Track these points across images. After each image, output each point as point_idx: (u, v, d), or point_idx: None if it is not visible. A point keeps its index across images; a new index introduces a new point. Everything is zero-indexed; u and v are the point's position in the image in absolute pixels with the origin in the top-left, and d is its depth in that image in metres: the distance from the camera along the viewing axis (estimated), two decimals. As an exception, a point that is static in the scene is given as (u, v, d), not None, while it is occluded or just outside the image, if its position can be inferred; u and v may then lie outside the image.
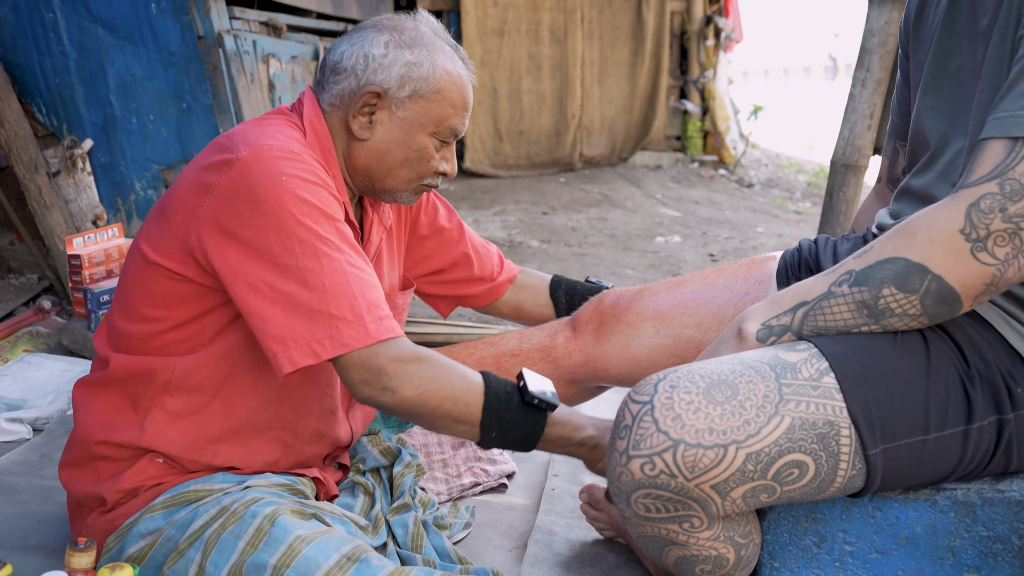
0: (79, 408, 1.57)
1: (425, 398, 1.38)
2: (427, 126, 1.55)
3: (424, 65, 1.52)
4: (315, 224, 1.38)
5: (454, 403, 1.40)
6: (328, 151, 1.55)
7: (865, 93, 3.40)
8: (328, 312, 1.35)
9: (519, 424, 1.44)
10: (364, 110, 1.54)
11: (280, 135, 1.46)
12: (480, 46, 7.10)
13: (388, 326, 1.38)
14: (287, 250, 1.37)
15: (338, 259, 1.38)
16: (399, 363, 1.37)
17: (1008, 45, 1.37)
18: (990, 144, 1.29)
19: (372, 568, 1.38)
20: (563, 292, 1.98)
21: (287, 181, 1.39)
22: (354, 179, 1.60)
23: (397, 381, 1.36)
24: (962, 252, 1.28)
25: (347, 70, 1.53)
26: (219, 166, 1.42)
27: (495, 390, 1.43)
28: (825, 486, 1.37)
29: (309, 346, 1.35)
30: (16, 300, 3.22)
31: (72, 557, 1.28)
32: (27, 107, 3.37)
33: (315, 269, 1.36)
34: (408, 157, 1.56)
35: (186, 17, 3.35)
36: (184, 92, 3.40)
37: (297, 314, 1.36)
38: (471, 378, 1.43)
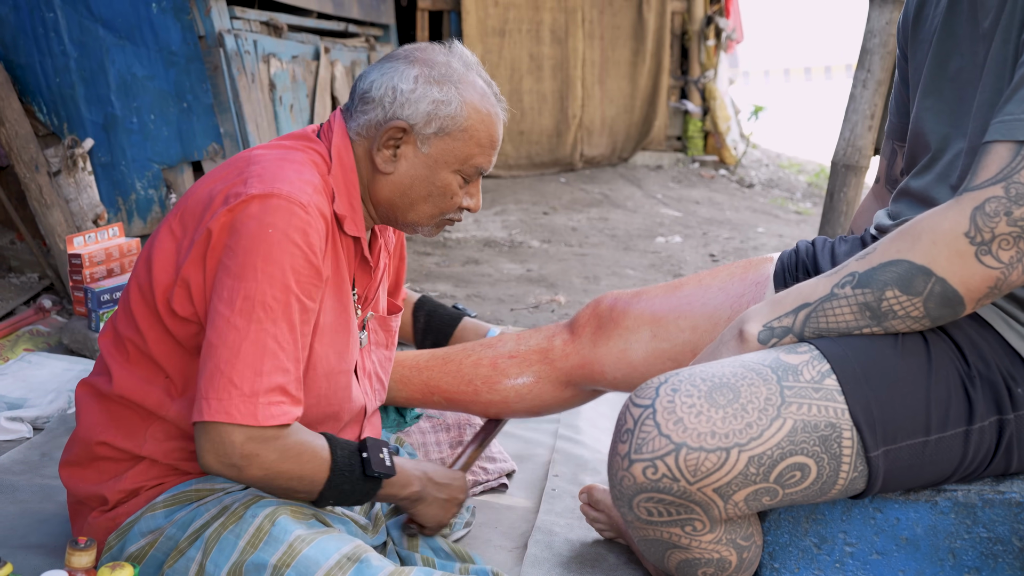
0: (81, 408, 1.56)
1: (271, 477, 1.39)
2: (452, 163, 1.53)
3: (452, 103, 1.51)
4: (269, 287, 1.37)
5: (300, 481, 1.42)
6: (352, 184, 1.54)
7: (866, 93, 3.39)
8: (229, 378, 1.34)
9: (356, 492, 1.49)
10: (389, 143, 1.52)
11: (298, 179, 1.44)
12: (481, 46, 7.10)
13: (275, 413, 1.36)
14: (230, 300, 1.36)
15: (267, 331, 1.36)
16: (255, 444, 1.35)
17: (1011, 47, 1.36)
18: (995, 147, 1.29)
19: (372, 568, 1.38)
20: (424, 312, 2.02)
21: (272, 234, 1.38)
22: (377, 210, 1.59)
23: (244, 462, 1.36)
24: (966, 255, 1.28)
25: (375, 100, 1.52)
26: (228, 195, 1.42)
27: (340, 467, 1.45)
28: (827, 488, 1.36)
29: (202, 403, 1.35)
30: (17, 299, 3.22)
31: (72, 556, 1.28)
32: (28, 106, 3.37)
33: (240, 329, 1.35)
34: (431, 193, 1.55)
35: (187, 17, 3.35)
36: (185, 92, 3.40)
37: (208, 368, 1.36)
38: (319, 455, 1.43)
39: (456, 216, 1.61)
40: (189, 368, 1.47)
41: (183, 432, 1.50)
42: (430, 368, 1.89)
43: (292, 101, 4.01)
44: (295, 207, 1.40)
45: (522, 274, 4.59)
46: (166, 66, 3.38)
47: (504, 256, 4.96)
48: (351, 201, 1.53)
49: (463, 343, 1.93)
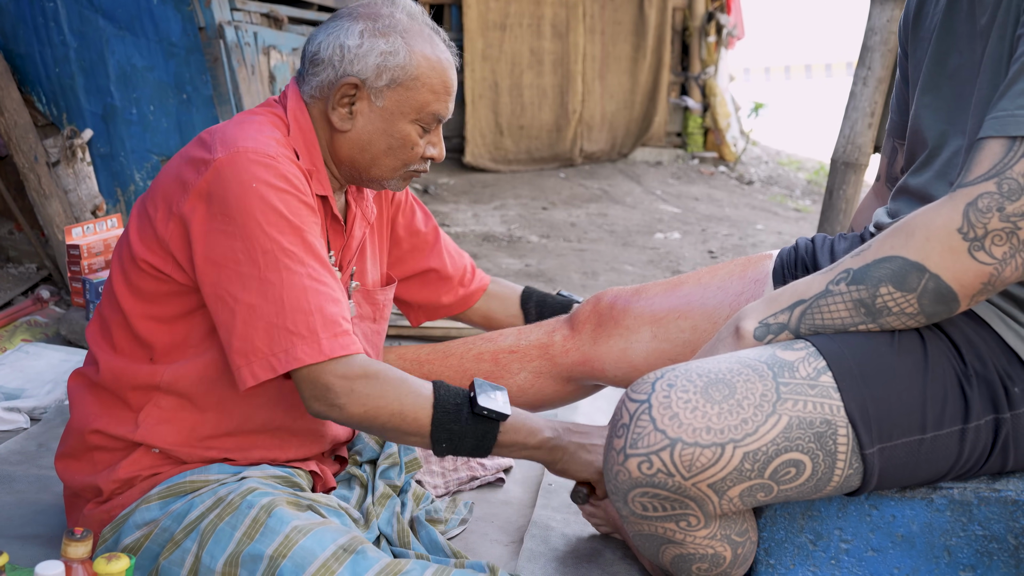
0: (74, 399, 1.57)
1: (373, 414, 1.41)
2: (408, 113, 1.54)
3: (400, 53, 1.51)
4: (280, 235, 1.38)
5: (402, 418, 1.42)
6: (312, 144, 1.55)
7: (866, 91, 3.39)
8: (284, 327, 1.36)
9: (469, 435, 1.46)
10: (343, 101, 1.53)
11: (260, 136, 1.45)
12: (482, 40, 7.09)
13: (343, 343, 1.39)
14: (250, 259, 1.38)
15: (299, 272, 1.38)
16: (346, 380, 1.38)
17: (1007, 44, 1.37)
18: (988, 143, 1.29)
19: (368, 560, 1.38)
20: (533, 304, 2.00)
21: (257, 187, 1.39)
22: (340, 169, 1.59)
23: (344, 399, 1.39)
24: (960, 251, 1.28)
25: (324, 61, 1.53)
26: (196, 164, 1.43)
27: (444, 403, 1.44)
28: (822, 485, 1.37)
29: (267, 360, 1.37)
30: (15, 289, 3.21)
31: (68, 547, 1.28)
32: (27, 96, 3.36)
33: (275, 282, 1.37)
34: (391, 146, 1.55)
35: (187, 8, 3.34)
36: (184, 83, 3.39)
37: (256, 327, 1.37)
38: (420, 392, 1.44)
39: (422, 167, 1.60)
40: (173, 336, 1.49)
41: (177, 409, 1.50)
42: (431, 362, 1.89)
43: (292, 94, 4.00)
44: (267, 159, 1.41)
45: (520, 269, 4.59)
46: (166, 57, 3.37)
47: (503, 251, 4.96)
48: (313, 161, 1.54)
49: (463, 338, 1.93)
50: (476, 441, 1.46)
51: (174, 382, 1.49)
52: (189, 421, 1.51)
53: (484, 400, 1.46)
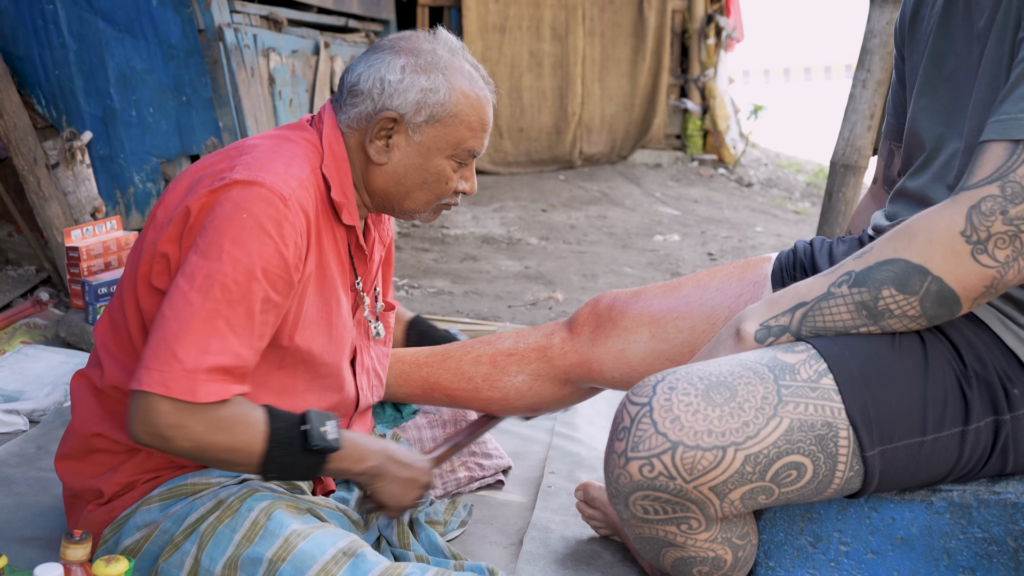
0: (76, 400, 1.56)
1: (202, 450, 1.38)
2: (444, 149, 1.54)
3: (441, 91, 1.52)
4: (232, 269, 1.36)
5: (233, 453, 1.39)
6: (344, 173, 1.55)
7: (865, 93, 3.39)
8: (173, 351, 1.33)
9: (300, 465, 1.45)
10: (381, 134, 1.53)
11: (285, 171, 1.44)
12: (481, 42, 7.09)
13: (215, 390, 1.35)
14: (191, 276, 1.36)
15: (221, 312, 1.35)
16: (181, 414, 1.34)
17: (1006, 47, 1.36)
18: (991, 146, 1.29)
19: (368, 563, 1.38)
20: (416, 333, 2.00)
21: (245, 220, 1.37)
22: (373, 200, 1.60)
23: (171, 432, 1.35)
24: (962, 254, 1.28)
25: (364, 93, 1.53)
26: (214, 177, 1.43)
27: (277, 438, 1.41)
28: (823, 487, 1.37)
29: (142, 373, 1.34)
30: (14, 292, 3.21)
31: (68, 549, 1.28)
32: (26, 99, 3.36)
33: (195, 306, 1.35)
34: (425, 180, 1.56)
35: (187, 10, 3.34)
36: (184, 85, 3.39)
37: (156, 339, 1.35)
38: (253, 426, 1.40)
39: (453, 200, 1.61)
40: None
41: None
42: (430, 364, 1.89)
43: (291, 96, 4.01)
44: (275, 198, 1.40)
45: (520, 271, 4.59)
46: (165, 59, 3.37)
47: (502, 253, 4.96)
48: (345, 192, 1.54)
49: (462, 341, 1.93)
50: (304, 471, 1.46)
51: None
52: None
53: (316, 436, 1.43)
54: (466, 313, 3.71)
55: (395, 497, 1.58)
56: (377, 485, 1.57)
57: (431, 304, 3.88)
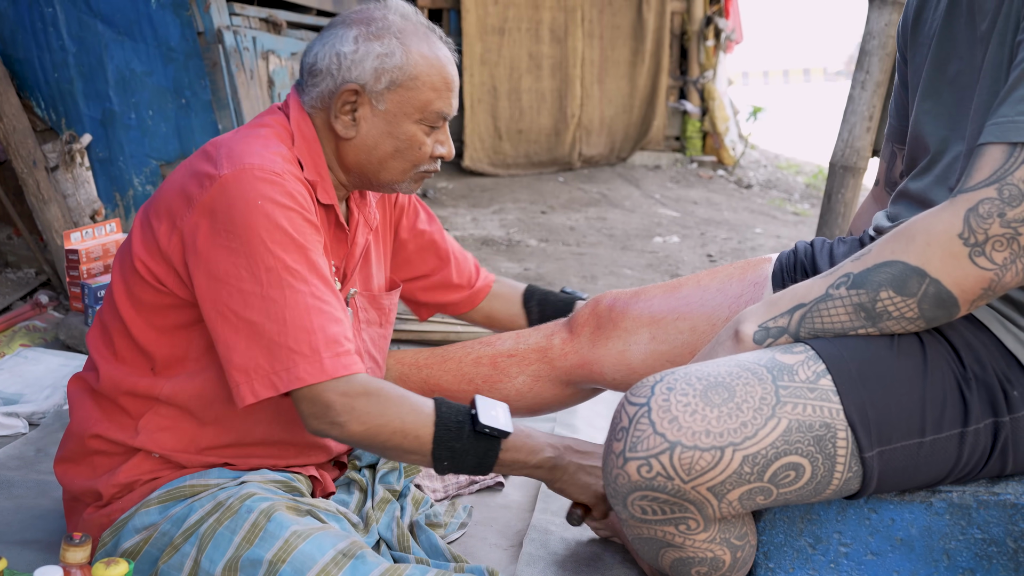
0: (74, 403, 1.57)
1: (374, 432, 1.40)
2: (411, 114, 1.53)
3: (396, 54, 1.51)
4: (284, 253, 1.38)
5: (403, 436, 1.41)
6: (316, 153, 1.54)
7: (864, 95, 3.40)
8: (287, 345, 1.36)
9: (471, 453, 1.45)
10: (345, 109, 1.53)
11: (265, 151, 1.45)
12: (480, 44, 7.10)
13: (344, 363, 1.38)
14: (253, 276, 1.37)
15: (302, 291, 1.38)
16: (347, 398, 1.38)
17: (1007, 50, 1.37)
18: (989, 149, 1.29)
19: (367, 565, 1.38)
20: (535, 303, 1.99)
21: (262, 205, 1.38)
22: (349, 176, 1.59)
23: (344, 416, 1.38)
24: (960, 256, 1.28)
25: (323, 71, 1.52)
26: (201, 179, 1.42)
27: (445, 420, 1.43)
28: (821, 488, 1.37)
29: (268, 378, 1.37)
30: (13, 294, 3.21)
31: (67, 552, 1.28)
32: (26, 101, 3.37)
33: (278, 300, 1.37)
34: (397, 148, 1.55)
35: (186, 13, 3.34)
36: (183, 88, 3.39)
37: (258, 345, 1.37)
38: (422, 409, 1.43)
39: (432, 167, 1.60)
40: (173, 348, 1.49)
41: (177, 419, 1.50)
42: (430, 366, 1.89)
43: (291, 98, 4.01)
44: (272, 176, 1.41)
45: (520, 273, 4.59)
46: (165, 62, 3.37)
47: (502, 255, 4.96)
48: (318, 171, 1.54)
49: (463, 342, 1.93)
50: (478, 459, 1.45)
51: (173, 396, 1.49)
52: (189, 431, 1.51)
53: (486, 418, 1.45)
54: (466, 315, 3.71)
55: (584, 489, 1.55)
56: (560, 478, 1.54)
57: (431, 306, 3.87)
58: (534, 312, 1.99)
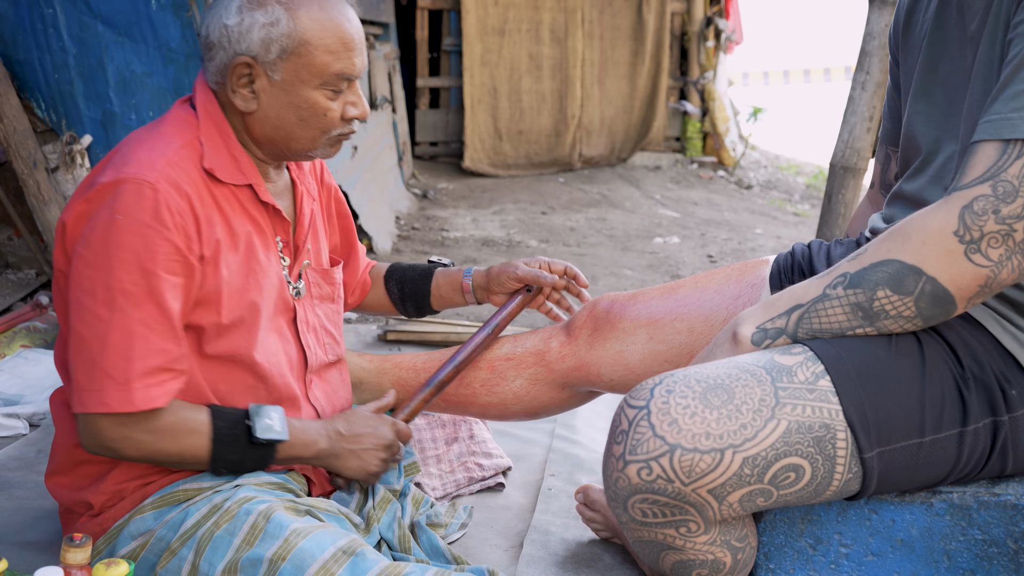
0: (57, 415, 1.57)
1: (148, 457, 1.44)
2: (309, 80, 1.47)
3: (281, 21, 1.45)
4: (125, 273, 1.37)
5: (181, 458, 1.46)
6: (226, 133, 1.51)
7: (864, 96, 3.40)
8: (103, 368, 1.37)
9: (248, 459, 1.49)
10: (242, 82, 1.48)
11: (149, 155, 1.42)
12: (480, 45, 7.10)
13: (152, 395, 1.39)
14: (92, 291, 1.38)
15: (131, 316, 1.37)
16: (122, 428, 1.40)
17: (997, 49, 1.37)
18: (982, 146, 1.29)
19: (367, 562, 1.38)
20: (395, 281, 1.94)
21: (121, 220, 1.38)
22: (262, 149, 1.55)
23: (120, 445, 1.41)
24: (956, 254, 1.28)
25: (215, 44, 1.48)
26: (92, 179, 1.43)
27: (221, 437, 1.46)
28: (821, 490, 1.37)
29: (80, 395, 1.38)
30: (14, 295, 3.21)
31: (68, 553, 1.28)
32: (26, 102, 3.37)
33: (105, 320, 1.37)
34: (301, 117, 1.50)
35: (186, 14, 3.34)
36: (184, 89, 3.39)
37: (80, 359, 1.38)
38: (197, 429, 1.45)
39: (347, 129, 1.55)
40: None
41: None
42: (428, 370, 1.89)
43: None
44: (143, 187, 1.39)
45: (520, 274, 4.58)
46: (165, 63, 3.37)
47: (502, 256, 4.96)
48: (230, 151, 1.51)
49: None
50: (255, 463, 1.50)
51: None
52: None
53: (261, 430, 1.47)
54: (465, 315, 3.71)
55: (357, 471, 1.60)
56: (336, 464, 1.59)
57: (431, 307, 3.87)
58: (394, 292, 1.95)
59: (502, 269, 1.89)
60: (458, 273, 1.92)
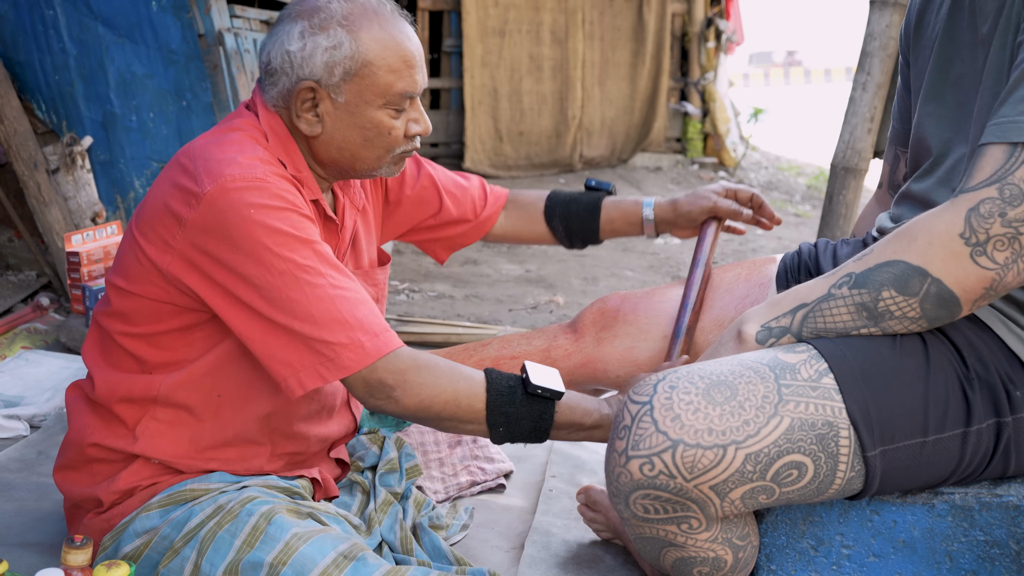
0: (72, 412, 1.56)
1: (428, 403, 1.41)
2: (373, 101, 1.49)
3: (344, 44, 1.46)
4: (292, 253, 1.38)
5: (457, 405, 1.42)
6: (292, 150, 1.52)
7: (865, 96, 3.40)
8: (324, 339, 1.37)
9: (526, 416, 1.45)
10: (305, 106, 1.49)
11: (241, 157, 1.43)
12: (481, 46, 7.10)
13: (384, 340, 1.39)
14: (270, 284, 1.37)
15: (320, 285, 1.38)
16: (398, 374, 1.39)
17: (1008, 52, 1.37)
18: (989, 149, 1.29)
19: (368, 567, 1.38)
20: (558, 219, 1.92)
21: (255, 213, 1.37)
22: (326, 170, 1.57)
23: (399, 391, 1.39)
24: (962, 256, 1.28)
25: (277, 70, 1.49)
26: (187, 198, 1.40)
27: (497, 386, 1.44)
28: (824, 488, 1.36)
29: (315, 369, 1.38)
30: (14, 297, 3.21)
31: (68, 554, 1.28)
32: (27, 104, 3.37)
33: (300, 300, 1.37)
34: (366, 137, 1.51)
35: (187, 15, 3.35)
36: (184, 90, 3.40)
37: (297, 343, 1.38)
38: (472, 377, 1.44)
39: (408, 147, 1.55)
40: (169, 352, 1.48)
41: (174, 420, 1.49)
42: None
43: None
44: (255, 182, 1.39)
45: (521, 275, 4.59)
46: (165, 64, 3.38)
47: (503, 256, 4.96)
48: (297, 167, 1.52)
49: (464, 344, 1.93)
50: (533, 423, 1.45)
51: (170, 393, 1.48)
52: (188, 433, 1.50)
53: (537, 379, 1.45)
54: (467, 317, 3.71)
55: None
56: None
57: (432, 308, 3.88)
58: (559, 229, 1.92)
59: (693, 203, 1.87)
60: (634, 207, 1.90)
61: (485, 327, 3.13)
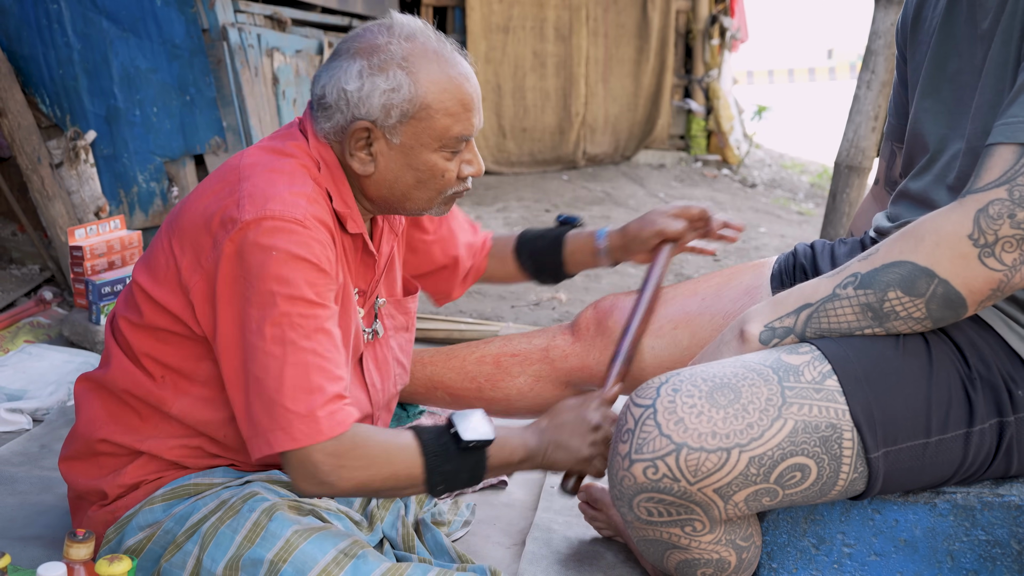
0: (81, 403, 1.56)
1: (365, 484, 1.39)
2: (429, 144, 1.46)
3: (404, 86, 1.43)
4: (291, 307, 1.35)
5: (396, 479, 1.40)
6: (341, 182, 1.50)
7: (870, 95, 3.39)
8: (283, 404, 1.34)
9: (463, 469, 1.43)
10: (359, 145, 1.47)
11: (289, 193, 1.40)
12: (485, 43, 7.09)
13: (339, 419, 1.36)
14: (259, 330, 1.35)
15: (303, 348, 1.35)
16: (335, 458, 1.35)
17: (1012, 49, 1.36)
18: (998, 149, 1.28)
19: (369, 564, 1.38)
20: (526, 255, 1.90)
21: (277, 257, 1.35)
22: (374, 206, 1.54)
23: (333, 477, 1.36)
24: (969, 257, 1.27)
25: (332, 106, 1.46)
26: (225, 223, 1.39)
27: (432, 448, 1.41)
28: (827, 489, 1.36)
29: (266, 436, 1.35)
30: (18, 291, 3.21)
31: (71, 548, 1.28)
32: (31, 98, 3.37)
33: (279, 356, 1.34)
34: (419, 179, 1.49)
35: (191, 10, 3.35)
36: (188, 85, 3.40)
37: (257, 400, 1.35)
38: (406, 445, 1.41)
39: (460, 188, 1.53)
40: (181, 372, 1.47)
41: (186, 431, 1.49)
42: (434, 363, 1.90)
43: (295, 95, 4.01)
44: (292, 225, 1.37)
45: (523, 271, 4.58)
46: (169, 59, 3.37)
47: (505, 253, 4.96)
48: (345, 200, 1.50)
49: (467, 341, 1.93)
50: (469, 473, 1.45)
51: (183, 416, 1.48)
52: (196, 441, 1.51)
53: (467, 432, 1.43)
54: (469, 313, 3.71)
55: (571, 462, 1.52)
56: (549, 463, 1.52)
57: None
58: (528, 267, 1.91)
59: (641, 228, 1.84)
60: (589, 237, 1.88)
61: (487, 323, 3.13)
